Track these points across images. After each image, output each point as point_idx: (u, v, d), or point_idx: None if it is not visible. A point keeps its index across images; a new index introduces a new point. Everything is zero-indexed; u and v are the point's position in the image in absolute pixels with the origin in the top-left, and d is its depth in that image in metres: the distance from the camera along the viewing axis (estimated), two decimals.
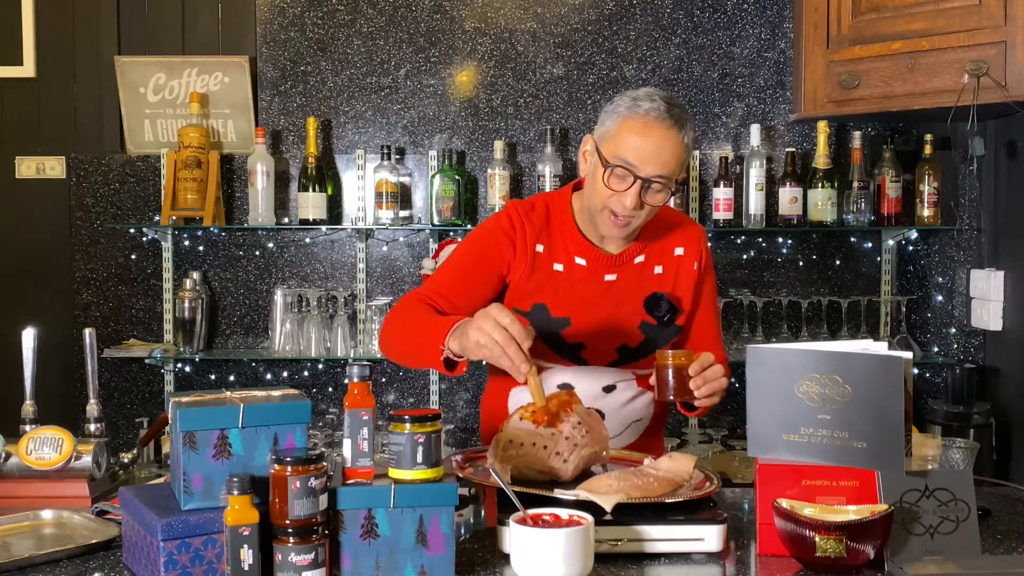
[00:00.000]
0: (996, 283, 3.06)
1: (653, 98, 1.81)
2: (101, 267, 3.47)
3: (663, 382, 1.76)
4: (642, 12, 3.40)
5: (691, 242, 2.02)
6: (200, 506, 1.37)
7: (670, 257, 2.00)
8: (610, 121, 1.85)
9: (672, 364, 1.75)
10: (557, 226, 1.96)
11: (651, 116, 1.79)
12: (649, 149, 1.79)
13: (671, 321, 1.97)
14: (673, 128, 1.80)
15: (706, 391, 1.74)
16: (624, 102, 1.83)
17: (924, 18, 2.80)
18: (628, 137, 1.80)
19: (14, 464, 1.79)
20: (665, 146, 1.79)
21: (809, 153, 3.37)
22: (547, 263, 1.94)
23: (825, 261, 3.44)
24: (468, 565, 1.43)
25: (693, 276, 2.01)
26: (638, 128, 1.79)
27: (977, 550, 1.45)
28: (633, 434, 2.00)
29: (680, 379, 1.74)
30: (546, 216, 1.97)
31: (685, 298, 2.00)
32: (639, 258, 1.98)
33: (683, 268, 2.00)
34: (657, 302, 1.94)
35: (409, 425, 1.36)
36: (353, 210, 3.45)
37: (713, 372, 1.75)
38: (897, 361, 1.44)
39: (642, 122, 1.79)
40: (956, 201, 3.26)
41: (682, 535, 1.48)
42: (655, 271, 1.98)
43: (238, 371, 3.50)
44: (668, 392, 1.76)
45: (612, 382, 1.96)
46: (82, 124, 3.51)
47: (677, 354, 1.76)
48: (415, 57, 3.43)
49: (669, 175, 1.81)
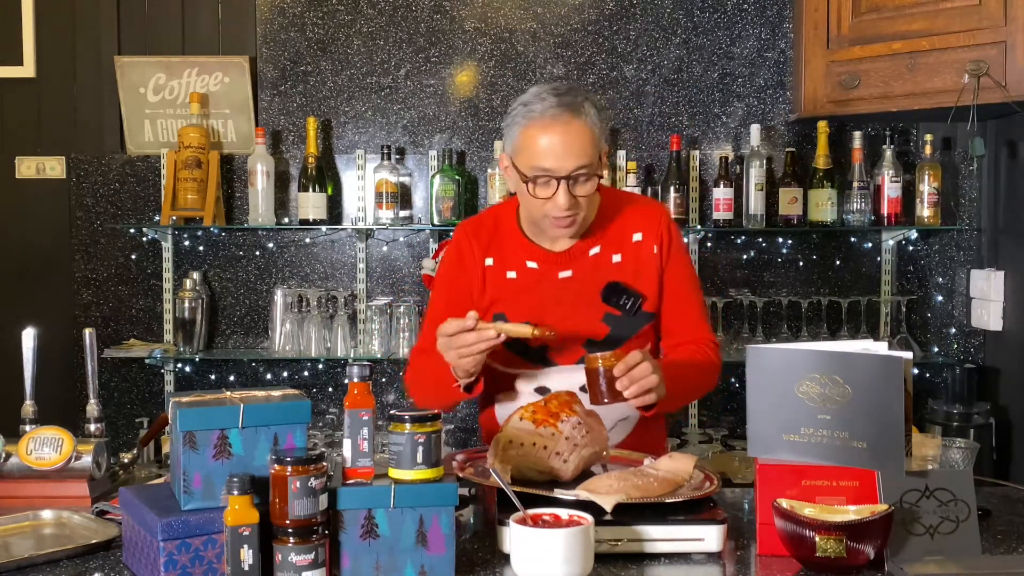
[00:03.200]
0: (996, 283, 3.06)
1: (542, 97, 1.81)
2: (101, 267, 3.47)
3: (593, 386, 1.71)
4: (642, 12, 3.40)
5: (650, 225, 1.97)
6: (200, 506, 1.37)
7: (628, 244, 1.96)
8: (513, 133, 1.85)
9: (600, 367, 1.69)
10: (505, 236, 1.98)
11: (547, 116, 1.79)
12: (558, 148, 1.78)
13: (635, 308, 1.93)
14: (572, 118, 1.79)
15: (635, 391, 1.68)
16: (518, 111, 1.84)
17: (924, 18, 2.80)
18: (533, 145, 1.80)
19: (14, 464, 1.79)
20: (571, 139, 1.79)
21: (809, 153, 3.37)
22: (499, 274, 1.96)
23: (825, 261, 3.44)
24: (468, 565, 1.43)
25: (655, 260, 1.95)
26: (539, 133, 1.79)
27: (977, 550, 1.45)
28: (623, 432, 1.97)
29: (611, 381, 1.69)
30: (493, 229, 1.99)
31: (649, 284, 1.94)
32: (594, 250, 1.95)
33: (642, 253, 1.95)
34: (613, 292, 1.92)
35: (409, 425, 1.36)
36: (353, 210, 3.45)
37: (640, 371, 1.68)
38: (897, 361, 1.44)
39: (540, 125, 1.79)
40: (956, 201, 3.26)
41: (682, 535, 1.48)
42: (613, 260, 1.95)
43: (238, 371, 3.50)
44: (600, 397, 1.70)
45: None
46: (82, 124, 3.51)
47: (605, 356, 1.70)
48: (415, 57, 3.43)
49: (589, 162, 1.80)
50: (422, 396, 1.97)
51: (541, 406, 1.68)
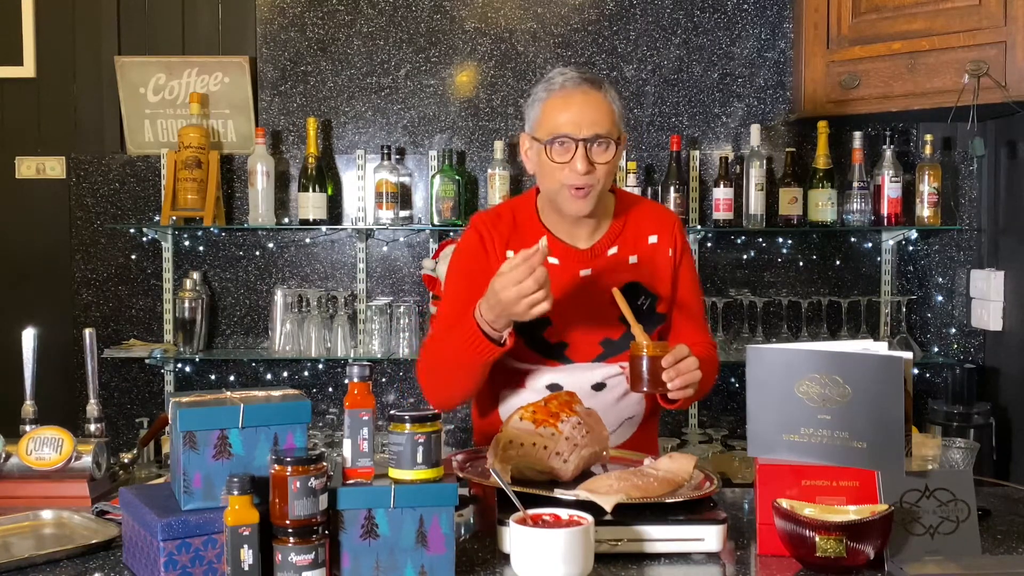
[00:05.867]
0: (996, 283, 3.06)
1: (563, 72, 1.89)
2: (101, 267, 3.47)
3: (637, 374, 1.75)
4: (642, 12, 3.40)
5: (664, 229, 2.02)
6: (200, 506, 1.37)
7: (644, 246, 2.00)
8: (534, 111, 1.91)
9: (646, 355, 1.73)
10: (525, 229, 1.99)
11: (567, 87, 1.86)
12: (577, 114, 1.84)
13: (651, 308, 1.97)
14: (591, 89, 1.86)
15: (680, 383, 1.73)
16: (539, 87, 1.92)
17: (924, 18, 2.80)
18: (554, 114, 1.86)
19: (14, 464, 1.79)
20: (590, 107, 1.84)
21: (809, 153, 3.37)
22: None
23: (825, 261, 3.44)
24: (468, 565, 1.43)
25: (669, 262, 2.01)
26: (560, 103, 1.86)
27: (977, 550, 1.45)
28: (626, 432, 1.99)
29: (654, 371, 1.73)
30: (512, 222, 2.00)
31: (663, 285, 2.00)
32: (612, 250, 1.98)
33: (658, 255, 2.00)
34: (632, 292, 1.94)
35: (409, 425, 1.36)
36: (353, 210, 3.45)
37: (687, 364, 1.74)
38: (897, 361, 1.44)
39: (561, 95, 1.86)
40: (956, 201, 3.26)
41: (682, 535, 1.48)
42: (630, 261, 1.99)
43: (238, 371, 3.49)
44: (642, 384, 1.75)
45: (601, 379, 1.95)
46: (82, 124, 3.51)
47: (652, 345, 1.74)
48: (415, 57, 3.43)
49: (606, 132, 1.84)
50: (440, 377, 1.92)
51: (541, 406, 1.68)
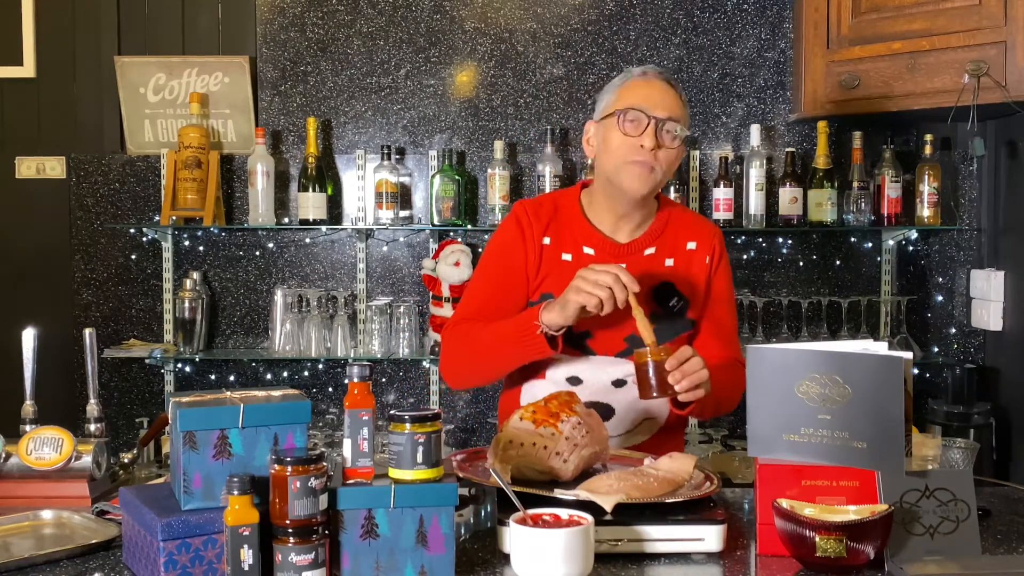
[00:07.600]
0: (996, 283, 3.06)
1: (644, 65, 2.02)
2: (101, 267, 3.47)
3: (643, 380, 1.73)
4: (642, 12, 3.40)
5: (704, 239, 2.05)
6: (200, 506, 1.37)
7: (682, 251, 2.02)
8: (610, 95, 1.97)
9: (650, 360, 1.72)
10: (565, 218, 2.01)
11: (648, 74, 1.95)
12: (655, 96, 1.91)
13: (681, 311, 1.97)
14: (670, 86, 1.95)
15: (687, 384, 1.71)
16: (618, 76, 1.99)
17: (924, 18, 2.80)
18: (633, 91, 1.93)
19: (14, 464, 1.79)
20: (667, 96, 1.92)
21: (809, 153, 3.37)
22: (555, 254, 1.99)
23: (825, 261, 3.44)
24: (468, 565, 1.43)
25: (705, 270, 2.02)
26: (641, 84, 1.94)
27: (977, 550, 1.45)
28: (646, 432, 1.99)
29: (660, 375, 1.71)
30: (553, 210, 2.03)
31: (696, 291, 2.01)
32: (649, 250, 2.00)
33: (695, 261, 2.02)
34: (667, 291, 1.95)
35: (409, 425, 1.36)
36: (353, 210, 3.45)
37: (692, 365, 1.72)
38: (897, 361, 1.44)
39: (642, 79, 1.94)
40: (956, 201, 3.26)
41: (682, 535, 1.48)
42: (666, 263, 2.00)
43: (238, 371, 3.49)
44: (650, 391, 1.72)
45: (622, 376, 1.95)
46: (82, 124, 3.51)
47: (655, 350, 1.72)
48: (415, 57, 3.43)
49: (679, 120, 1.91)
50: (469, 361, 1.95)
51: (541, 406, 1.68)
